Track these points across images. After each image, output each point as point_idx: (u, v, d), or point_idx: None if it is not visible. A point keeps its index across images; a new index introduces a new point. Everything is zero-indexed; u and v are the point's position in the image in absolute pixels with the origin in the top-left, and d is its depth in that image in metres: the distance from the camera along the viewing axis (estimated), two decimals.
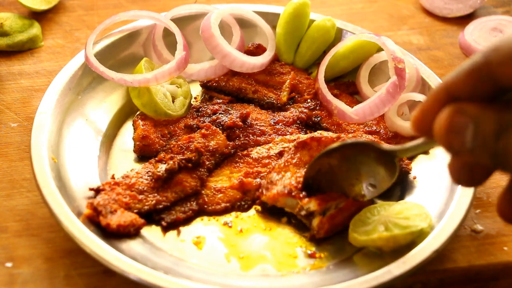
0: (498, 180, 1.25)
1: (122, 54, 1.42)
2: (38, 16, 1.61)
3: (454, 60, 1.57)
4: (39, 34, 1.55)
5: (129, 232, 1.10)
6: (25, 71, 1.47)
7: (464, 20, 1.67)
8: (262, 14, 1.46)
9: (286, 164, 1.21)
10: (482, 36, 1.60)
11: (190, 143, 1.24)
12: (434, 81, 1.34)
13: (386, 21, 1.69)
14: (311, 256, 1.12)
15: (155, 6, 1.68)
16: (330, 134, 1.24)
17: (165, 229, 1.15)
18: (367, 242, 1.09)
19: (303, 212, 1.14)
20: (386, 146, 1.09)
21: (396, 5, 1.75)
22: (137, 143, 1.27)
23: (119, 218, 1.10)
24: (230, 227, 1.16)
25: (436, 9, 1.70)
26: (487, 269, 1.14)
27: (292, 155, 1.22)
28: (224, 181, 1.22)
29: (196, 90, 1.42)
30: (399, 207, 1.13)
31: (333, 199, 1.13)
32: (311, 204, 1.13)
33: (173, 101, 1.34)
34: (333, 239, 1.15)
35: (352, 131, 1.31)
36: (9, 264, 1.10)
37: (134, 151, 1.28)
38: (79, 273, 1.08)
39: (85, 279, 1.08)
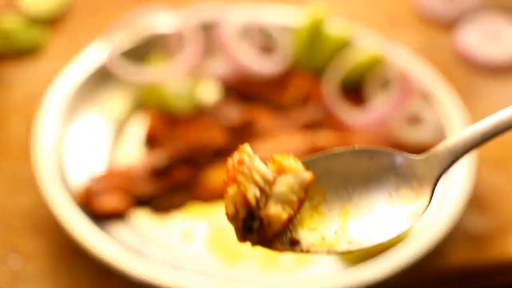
0: (496, 180, 1.25)
1: (145, 52, 1.43)
2: (38, 17, 1.62)
3: (452, 61, 1.58)
4: (40, 35, 1.56)
5: (116, 216, 1.14)
6: (25, 72, 1.48)
7: (462, 21, 1.68)
8: (281, 22, 1.47)
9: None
10: (480, 38, 1.61)
11: (189, 137, 1.27)
12: (441, 92, 1.34)
13: (385, 21, 1.70)
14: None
15: None
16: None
17: (156, 217, 1.17)
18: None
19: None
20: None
21: (395, 5, 1.75)
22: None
23: (107, 202, 1.14)
24: (218, 222, 1.17)
25: (435, 10, 1.71)
26: (486, 269, 1.15)
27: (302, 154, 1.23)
28: (219, 174, 1.24)
29: (210, 90, 1.43)
30: None
31: None
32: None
33: (183, 99, 1.36)
34: None
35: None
36: (12, 263, 1.11)
37: (140, 143, 1.31)
38: (80, 273, 1.10)
39: (86, 279, 1.09)
